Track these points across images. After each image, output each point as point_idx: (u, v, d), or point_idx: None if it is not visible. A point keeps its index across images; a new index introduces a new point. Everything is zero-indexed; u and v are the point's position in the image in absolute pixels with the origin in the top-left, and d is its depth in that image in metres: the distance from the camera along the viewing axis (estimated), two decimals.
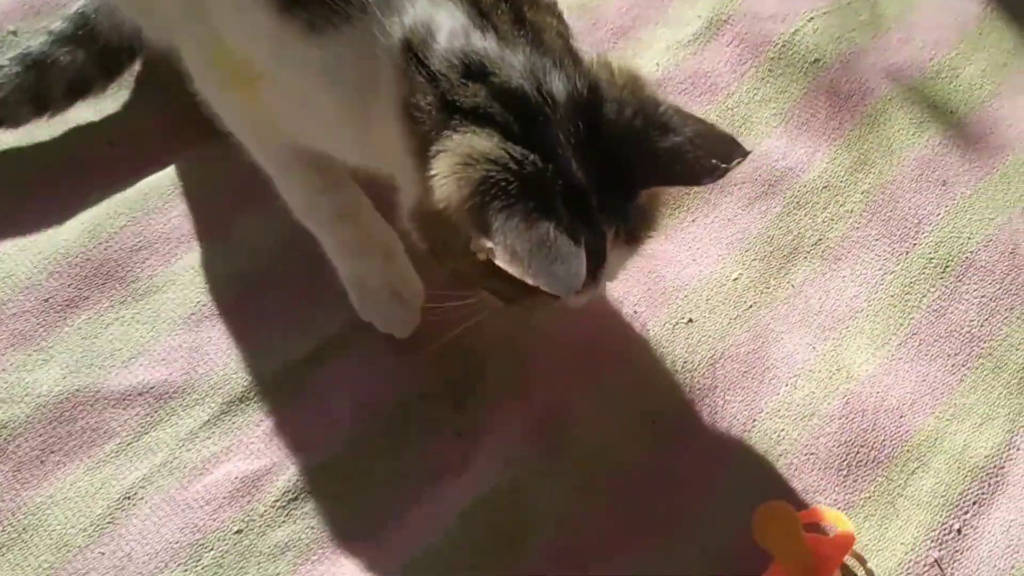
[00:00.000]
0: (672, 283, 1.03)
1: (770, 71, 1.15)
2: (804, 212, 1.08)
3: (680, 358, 0.99)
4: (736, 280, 1.04)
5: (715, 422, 0.96)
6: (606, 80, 0.79)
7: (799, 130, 1.12)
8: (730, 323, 1.01)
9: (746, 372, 0.99)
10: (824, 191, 1.09)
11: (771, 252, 1.05)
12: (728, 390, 0.98)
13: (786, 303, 1.03)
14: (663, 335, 1.00)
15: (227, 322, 0.97)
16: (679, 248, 1.05)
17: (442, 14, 0.77)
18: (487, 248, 0.74)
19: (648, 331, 1.00)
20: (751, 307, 1.02)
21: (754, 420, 0.96)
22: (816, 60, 1.17)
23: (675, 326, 1.00)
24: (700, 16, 1.18)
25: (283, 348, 0.96)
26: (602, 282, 0.82)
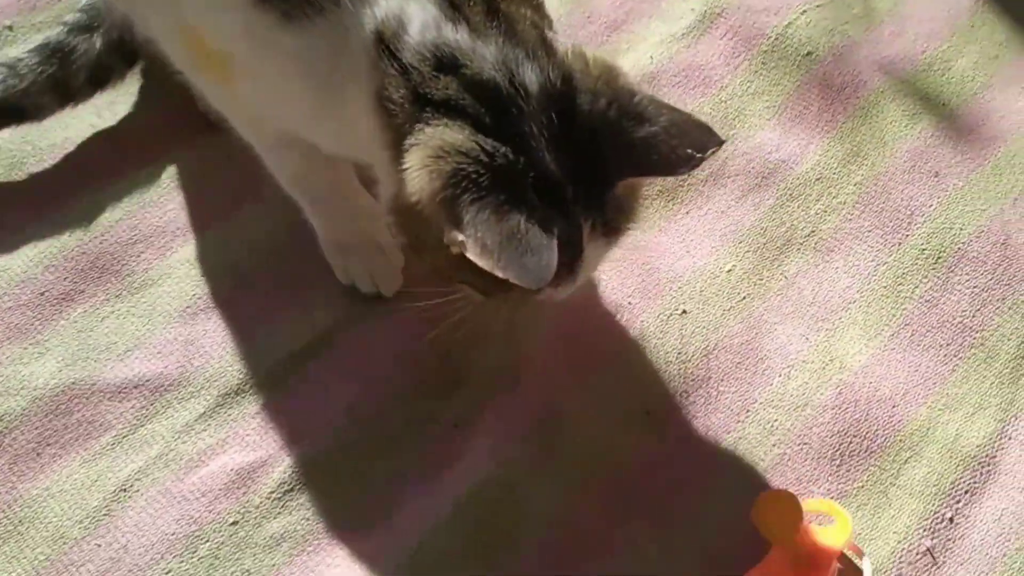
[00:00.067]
0: (666, 275, 1.03)
1: (763, 64, 1.16)
2: (797, 204, 1.08)
3: (674, 349, 0.99)
4: (730, 272, 1.04)
5: (709, 413, 0.96)
6: (580, 71, 0.78)
7: (792, 122, 1.13)
8: (724, 314, 1.02)
9: (740, 363, 0.99)
10: (817, 183, 1.10)
11: (764, 244, 1.06)
12: (722, 381, 0.98)
13: (779, 294, 1.03)
14: (657, 326, 1.00)
15: (222, 315, 0.97)
16: (673, 240, 1.05)
17: (413, 6, 0.76)
18: (459, 241, 0.73)
19: (642, 322, 1.00)
20: (745, 298, 1.03)
21: (748, 411, 0.97)
22: (809, 53, 1.17)
23: (669, 317, 1.01)
24: (693, 9, 1.18)
25: (278, 341, 0.96)
26: (581, 275, 0.81)
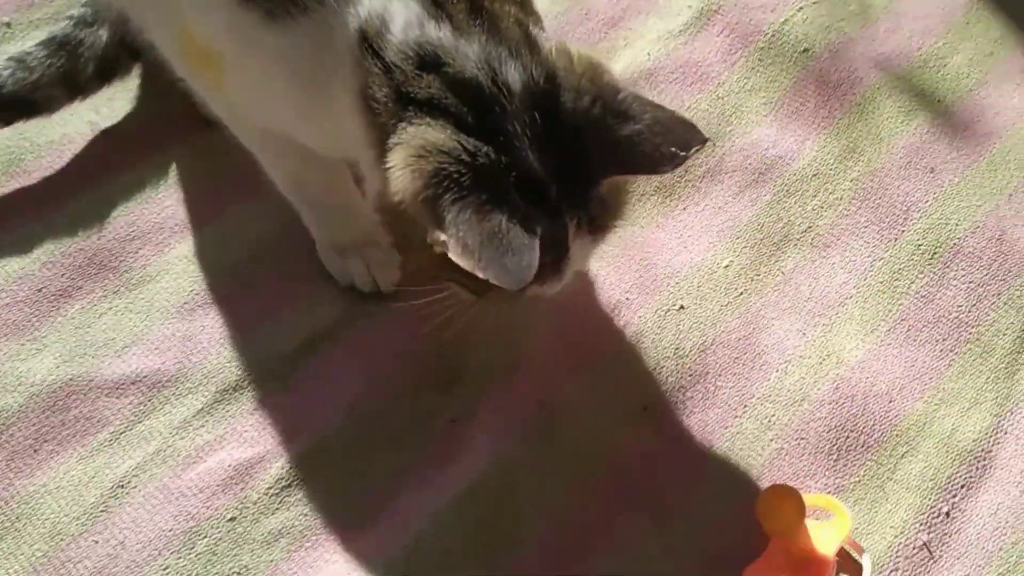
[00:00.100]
0: (663, 270, 1.03)
1: (760, 61, 1.16)
2: (794, 200, 1.09)
3: (671, 345, 0.99)
4: (727, 267, 1.04)
5: (706, 408, 0.97)
6: (564, 68, 0.78)
7: (789, 119, 1.13)
8: (721, 310, 1.02)
9: (737, 358, 0.99)
10: (814, 179, 1.10)
11: (761, 239, 1.06)
12: (719, 376, 0.98)
13: (776, 290, 1.03)
14: (654, 322, 1.00)
15: (220, 311, 0.97)
16: (670, 236, 1.05)
17: (396, 5, 0.76)
18: (442, 241, 0.73)
19: (639, 318, 1.00)
20: (742, 294, 1.03)
21: (745, 406, 0.97)
22: (806, 50, 1.17)
23: (666, 313, 1.01)
24: (690, 6, 1.18)
25: (276, 337, 0.96)
26: (567, 273, 0.81)
